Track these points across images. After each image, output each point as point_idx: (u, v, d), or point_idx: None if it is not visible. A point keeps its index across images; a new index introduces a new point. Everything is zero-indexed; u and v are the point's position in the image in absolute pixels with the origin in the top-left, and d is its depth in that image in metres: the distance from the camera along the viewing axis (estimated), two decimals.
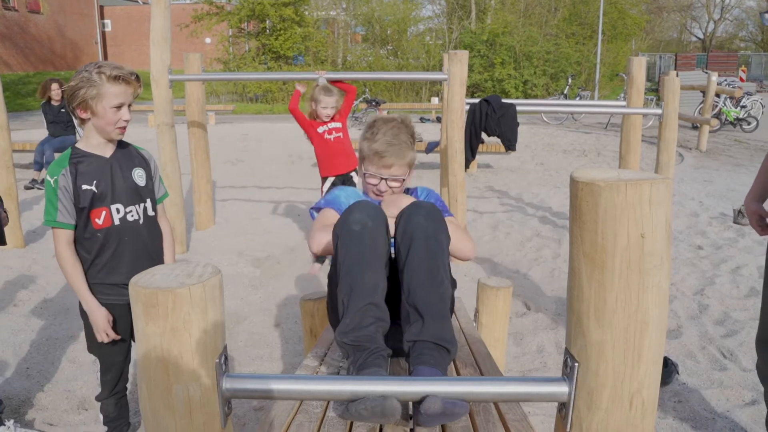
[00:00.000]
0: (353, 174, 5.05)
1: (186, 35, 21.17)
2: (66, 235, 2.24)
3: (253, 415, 3.02)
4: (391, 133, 2.16)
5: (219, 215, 6.81)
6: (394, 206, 2.07)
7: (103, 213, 2.25)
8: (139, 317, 1.14)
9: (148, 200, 2.40)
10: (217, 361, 1.19)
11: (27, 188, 8.15)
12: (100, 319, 2.30)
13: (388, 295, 2.00)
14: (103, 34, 32.42)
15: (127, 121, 2.22)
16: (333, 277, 2.03)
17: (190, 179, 6.35)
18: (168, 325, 1.12)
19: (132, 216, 2.32)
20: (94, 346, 2.42)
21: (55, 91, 8.11)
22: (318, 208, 2.28)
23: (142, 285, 1.13)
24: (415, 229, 1.84)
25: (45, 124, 8.44)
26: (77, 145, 2.28)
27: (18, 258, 5.31)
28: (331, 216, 2.16)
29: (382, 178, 2.17)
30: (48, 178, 2.21)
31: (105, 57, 31.93)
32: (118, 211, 2.28)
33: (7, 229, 5.50)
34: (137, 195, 2.34)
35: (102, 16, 32.23)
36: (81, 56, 30.20)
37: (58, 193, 2.19)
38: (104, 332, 2.32)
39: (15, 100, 18.96)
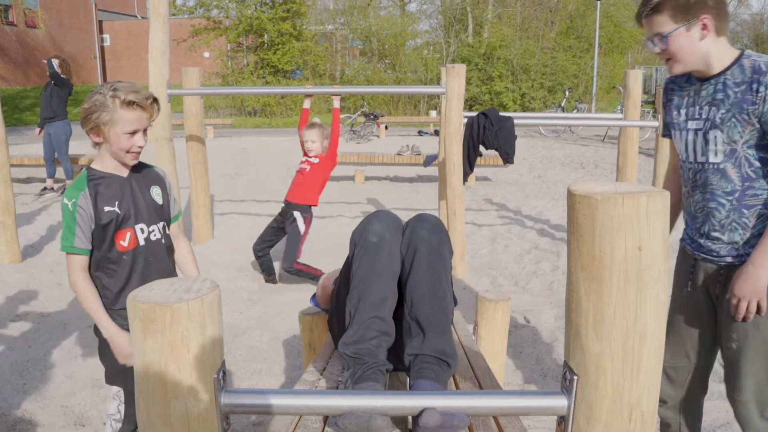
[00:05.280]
0: (295, 213, 5.06)
1: (184, 50, 21.26)
2: (82, 262, 2.12)
3: (251, 430, 3.01)
4: None
5: (218, 229, 6.81)
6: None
7: (128, 234, 2.15)
8: (137, 332, 1.14)
9: (166, 219, 2.30)
10: (216, 376, 1.19)
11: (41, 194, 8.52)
12: (123, 343, 2.12)
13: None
14: (102, 49, 32.56)
15: (141, 147, 2.12)
16: (342, 287, 2.01)
17: (189, 193, 6.36)
18: (166, 340, 1.12)
19: (155, 235, 2.22)
20: (116, 375, 2.23)
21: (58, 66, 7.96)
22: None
23: (140, 300, 1.13)
24: (420, 241, 1.84)
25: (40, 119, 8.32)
26: (92, 165, 2.18)
27: (15, 273, 5.29)
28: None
29: None
30: (65, 201, 2.08)
31: (104, 71, 32.07)
32: (142, 231, 2.18)
33: (4, 244, 5.55)
34: (158, 214, 2.25)
35: (101, 31, 32.38)
36: (79, 71, 30.29)
37: (77, 217, 2.07)
38: (130, 356, 2.09)
39: (13, 114, 19.00)
